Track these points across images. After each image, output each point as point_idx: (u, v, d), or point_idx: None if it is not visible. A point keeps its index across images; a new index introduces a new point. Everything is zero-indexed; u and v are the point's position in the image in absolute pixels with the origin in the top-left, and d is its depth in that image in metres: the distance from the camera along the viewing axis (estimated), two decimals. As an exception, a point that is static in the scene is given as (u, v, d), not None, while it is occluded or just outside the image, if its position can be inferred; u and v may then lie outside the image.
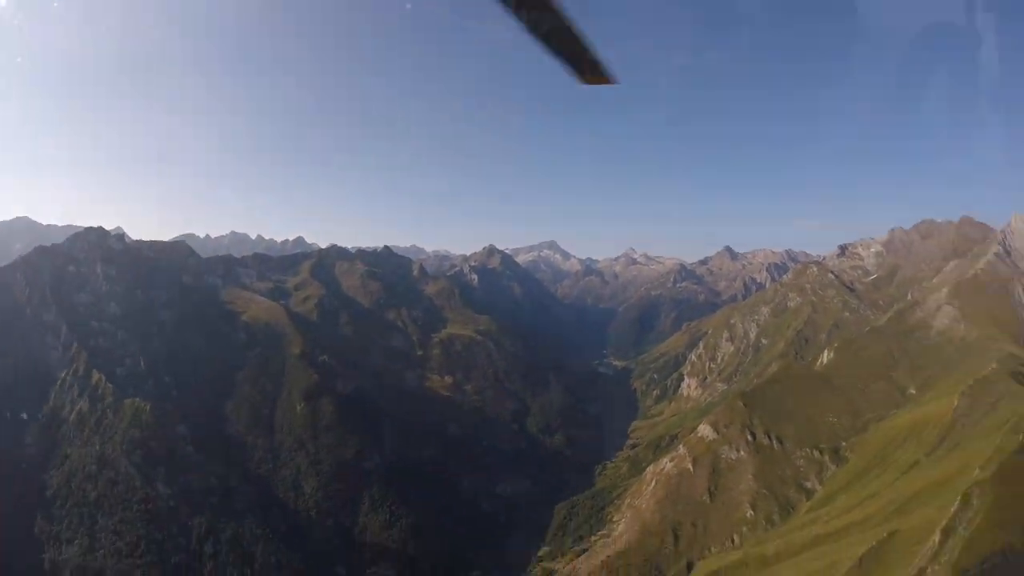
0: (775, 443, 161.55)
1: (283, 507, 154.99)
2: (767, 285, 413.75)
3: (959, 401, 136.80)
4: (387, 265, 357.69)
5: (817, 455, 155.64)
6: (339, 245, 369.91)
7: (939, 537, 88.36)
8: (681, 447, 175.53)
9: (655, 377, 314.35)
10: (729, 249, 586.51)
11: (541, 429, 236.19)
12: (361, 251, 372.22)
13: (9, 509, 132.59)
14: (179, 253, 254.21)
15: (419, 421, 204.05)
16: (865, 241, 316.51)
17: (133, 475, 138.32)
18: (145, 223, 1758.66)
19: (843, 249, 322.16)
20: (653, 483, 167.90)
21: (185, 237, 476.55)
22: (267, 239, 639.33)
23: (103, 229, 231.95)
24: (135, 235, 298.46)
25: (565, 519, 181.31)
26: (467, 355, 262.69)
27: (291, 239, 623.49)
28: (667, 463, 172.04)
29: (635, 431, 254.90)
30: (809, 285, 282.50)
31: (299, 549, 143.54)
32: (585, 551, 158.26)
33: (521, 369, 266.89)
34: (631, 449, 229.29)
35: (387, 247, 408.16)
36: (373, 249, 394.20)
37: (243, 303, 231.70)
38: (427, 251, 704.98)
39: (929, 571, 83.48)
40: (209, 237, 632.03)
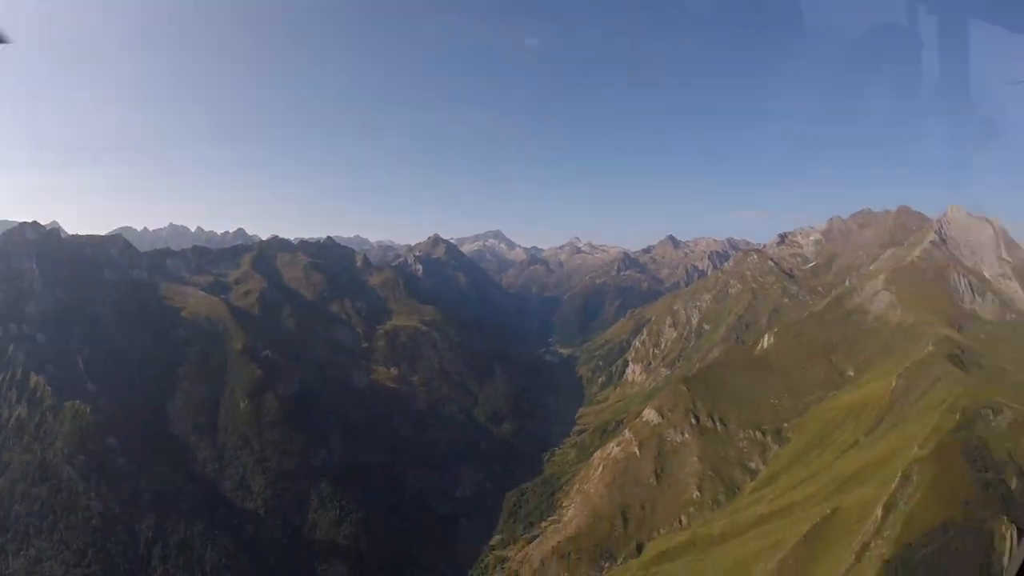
0: (719, 425, 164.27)
1: (231, 507, 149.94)
2: (709, 273, 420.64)
3: (897, 383, 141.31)
4: (330, 256, 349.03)
5: (760, 436, 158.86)
6: (280, 236, 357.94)
7: (881, 513, 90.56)
8: (627, 432, 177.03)
9: (600, 364, 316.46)
10: (672, 238, 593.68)
11: (489, 418, 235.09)
12: (303, 242, 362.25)
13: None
14: (116, 247, 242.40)
15: (366, 415, 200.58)
16: (804, 230, 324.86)
17: (76, 481, 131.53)
18: (82, 217, 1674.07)
19: (783, 237, 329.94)
20: (601, 468, 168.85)
21: (122, 231, 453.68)
22: (207, 231, 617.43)
23: (38, 224, 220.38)
24: (71, 230, 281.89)
25: (515, 507, 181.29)
26: (413, 346, 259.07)
27: (231, 231, 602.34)
28: (614, 448, 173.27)
29: (582, 417, 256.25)
30: (750, 272, 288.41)
31: (249, 549, 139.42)
32: (536, 537, 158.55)
33: (467, 359, 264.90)
34: (578, 435, 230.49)
35: (330, 238, 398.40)
36: (316, 240, 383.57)
37: (182, 298, 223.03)
38: (371, 241, 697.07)
39: (872, 546, 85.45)
40: (147, 230, 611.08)
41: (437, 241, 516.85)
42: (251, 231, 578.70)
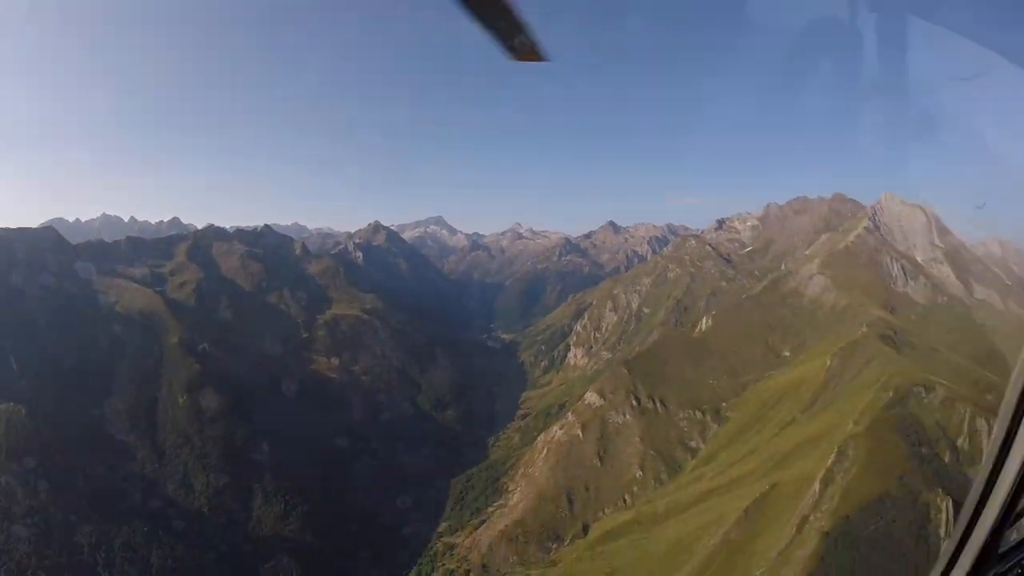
0: (659, 406, 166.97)
1: (174, 506, 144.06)
2: (648, 258, 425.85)
3: (831, 362, 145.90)
4: (268, 245, 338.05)
5: (699, 416, 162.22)
6: (217, 225, 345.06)
7: (819, 488, 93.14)
8: (570, 415, 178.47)
9: (542, 348, 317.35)
10: (612, 223, 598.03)
11: (433, 405, 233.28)
12: (240, 231, 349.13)
13: None
14: (47, 241, 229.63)
15: (307, 406, 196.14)
16: (742, 216, 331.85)
17: (14, 487, 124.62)
18: (7, 209, 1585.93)
19: (721, 223, 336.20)
20: (545, 451, 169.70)
21: (54, 222, 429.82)
22: (141, 221, 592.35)
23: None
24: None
25: (462, 493, 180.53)
26: (354, 335, 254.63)
27: (166, 220, 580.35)
28: (557, 431, 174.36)
29: (525, 402, 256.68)
30: (688, 257, 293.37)
31: (194, 547, 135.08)
32: (484, 523, 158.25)
33: (410, 347, 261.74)
34: (522, 420, 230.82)
35: (267, 226, 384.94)
36: (253, 228, 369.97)
37: (117, 292, 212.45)
38: (310, 229, 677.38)
39: (812, 519, 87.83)
40: (80, 221, 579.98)
41: (378, 228, 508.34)
42: (187, 220, 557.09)
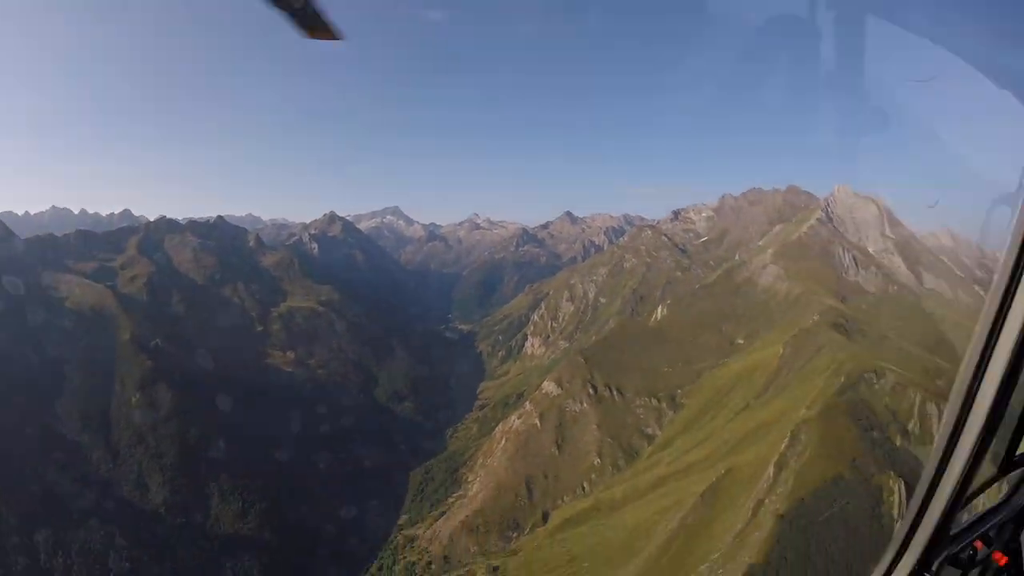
0: (615, 394, 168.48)
1: (131, 507, 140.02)
2: (605, 248, 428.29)
3: (784, 349, 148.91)
4: (221, 237, 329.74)
5: (655, 403, 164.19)
6: (169, 217, 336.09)
7: (773, 471, 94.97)
8: (528, 404, 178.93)
9: (500, 338, 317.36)
10: (569, 214, 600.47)
11: (390, 397, 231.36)
12: (192, 222, 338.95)
13: None
14: None
15: (263, 401, 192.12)
16: (697, 207, 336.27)
17: None
18: None
19: (676, 214, 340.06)
20: (503, 441, 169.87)
21: (2, 216, 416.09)
22: (91, 213, 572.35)
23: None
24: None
25: (421, 485, 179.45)
26: (309, 328, 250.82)
27: (117, 212, 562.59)
28: (515, 420, 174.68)
29: (483, 392, 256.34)
30: (644, 247, 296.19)
31: (152, 548, 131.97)
32: (444, 514, 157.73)
33: (366, 339, 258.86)
34: (480, 410, 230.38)
35: (221, 217, 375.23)
36: (206, 220, 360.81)
37: (67, 287, 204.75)
38: (264, 220, 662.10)
39: (767, 502, 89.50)
40: (28, 214, 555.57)
41: (333, 218, 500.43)
42: (138, 212, 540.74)
